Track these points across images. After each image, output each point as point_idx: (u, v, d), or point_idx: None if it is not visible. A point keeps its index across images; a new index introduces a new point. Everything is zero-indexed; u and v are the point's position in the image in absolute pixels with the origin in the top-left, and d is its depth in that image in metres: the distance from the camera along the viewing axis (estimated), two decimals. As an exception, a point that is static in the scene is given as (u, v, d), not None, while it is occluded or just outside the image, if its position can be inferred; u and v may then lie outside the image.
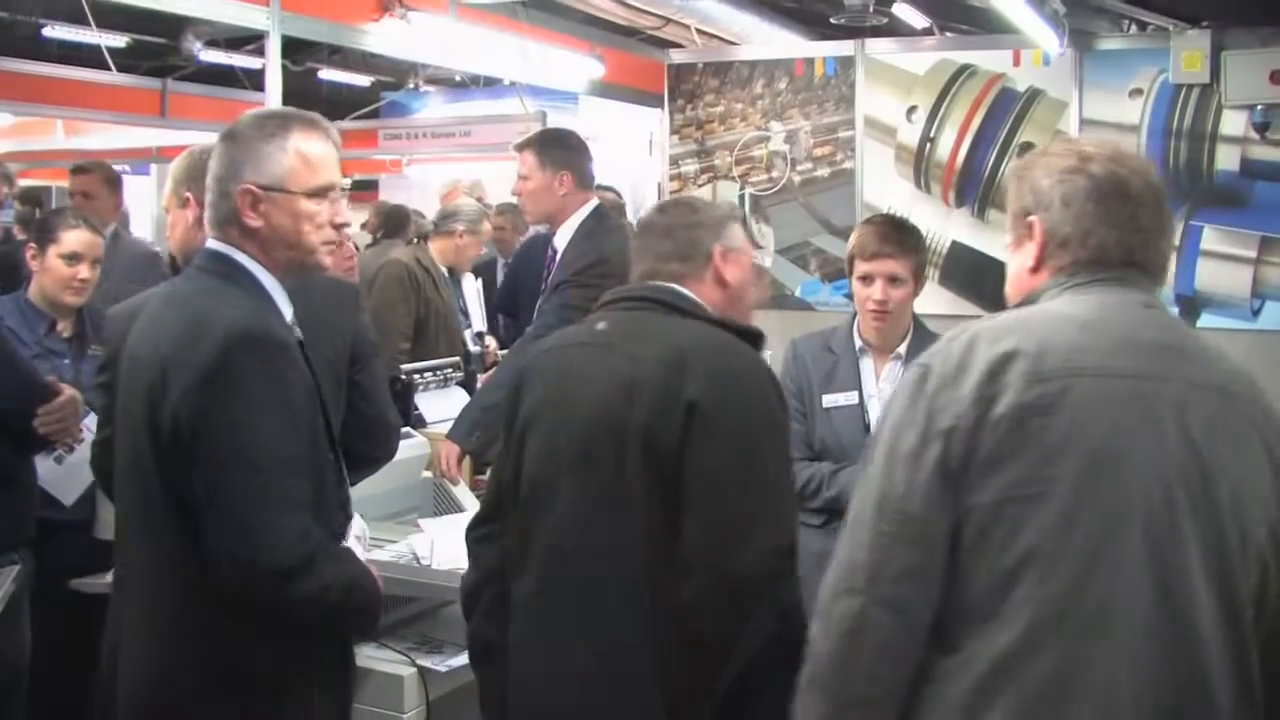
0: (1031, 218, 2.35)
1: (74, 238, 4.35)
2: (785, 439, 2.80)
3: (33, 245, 4.36)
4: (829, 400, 4.01)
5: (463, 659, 3.63)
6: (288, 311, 2.82)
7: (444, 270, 7.19)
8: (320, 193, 2.77)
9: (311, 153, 2.76)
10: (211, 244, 2.78)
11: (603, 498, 2.73)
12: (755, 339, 2.88)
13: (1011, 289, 2.44)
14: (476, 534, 3.08)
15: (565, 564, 2.78)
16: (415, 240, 7.82)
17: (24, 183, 10.54)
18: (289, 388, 2.62)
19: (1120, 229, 2.28)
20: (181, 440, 2.53)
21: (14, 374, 3.71)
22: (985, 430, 2.10)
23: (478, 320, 7.26)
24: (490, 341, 7.04)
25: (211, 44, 15.20)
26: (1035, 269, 2.36)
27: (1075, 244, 2.29)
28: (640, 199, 13.46)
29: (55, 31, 13.19)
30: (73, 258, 4.33)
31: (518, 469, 2.91)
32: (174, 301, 2.73)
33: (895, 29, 9.96)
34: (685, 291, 2.91)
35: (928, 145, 8.97)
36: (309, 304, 3.56)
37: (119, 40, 14.19)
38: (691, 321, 2.85)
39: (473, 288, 7.39)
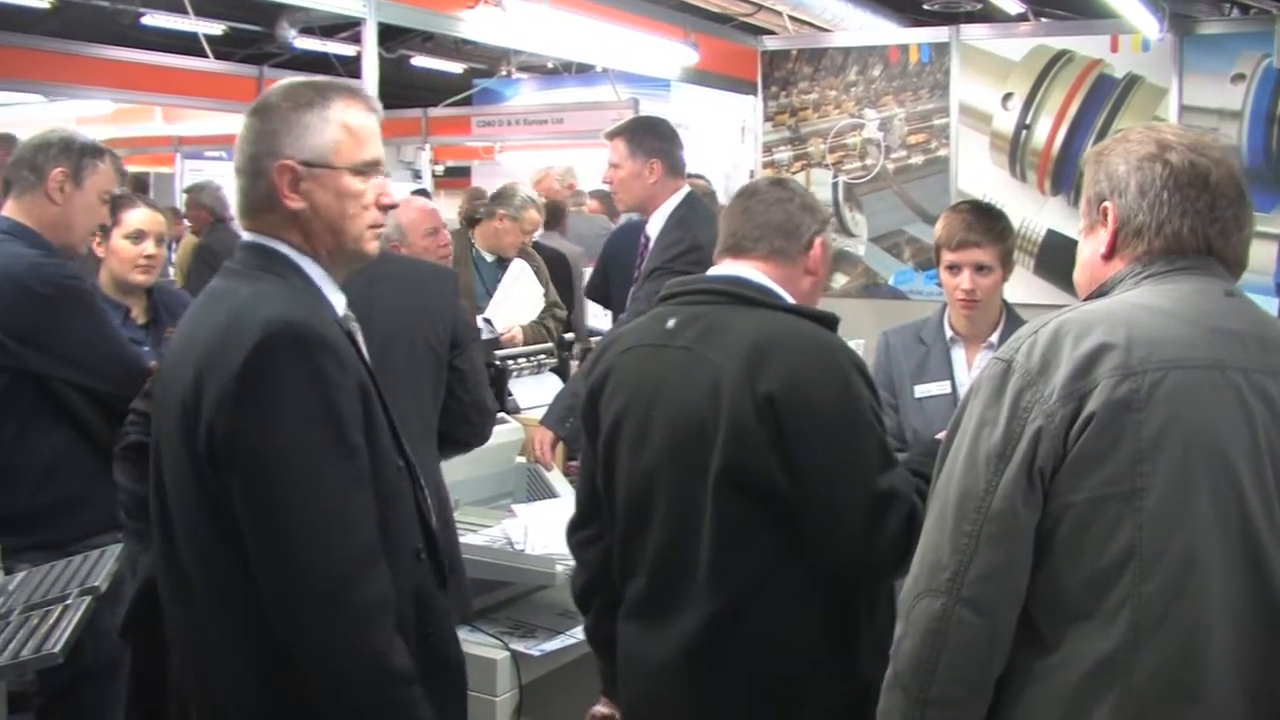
0: (1106, 203, 2.30)
1: (136, 216, 4.34)
2: (877, 422, 2.71)
3: (97, 233, 4.37)
4: (921, 391, 3.98)
5: (555, 644, 3.66)
6: (339, 303, 2.53)
7: (485, 255, 7.11)
8: (366, 169, 2.47)
9: (355, 124, 2.46)
10: (247, 236, 2.50)
11: (691, 502, 2.70)
12: (830, 324, 2.81)
13: (1082, 275, 2.39)
14: (577, 537, 3.08)
15: (669, 567, 2.76)
16: (462, 225, 7.72)
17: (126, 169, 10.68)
18: (334, 389, 2.30)
19: (1196, 218, 2.23)
20: (218, 456, 2.27)
21: (119, 356, 3.76)
22: (1075, 428, 2.06)
23: (499, 306, 6.87)
24: (513, 330, 6.52)
25: (306, 31, 15.38)
26: (1108, 256, 2.31)
27: (1150, 233, 2.25)
28: (731, 187, 13.41)
29: (154, 20, 13.38)
30: (137, 236, 4.32)
31: (609, 474, 2.89)
32: (209, 300, 2.46)
33: (990, 15, 9.87)
34: (755, 279, 2.84)
35: (1023, 132, 8.86)
36: (410, 290, 3.60)
37: (215, 28, 14.38)
38: (765, 313, 2.78)
39: (519, 272, 7.07)
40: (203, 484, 2.32)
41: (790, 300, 2.83)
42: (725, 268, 2.89)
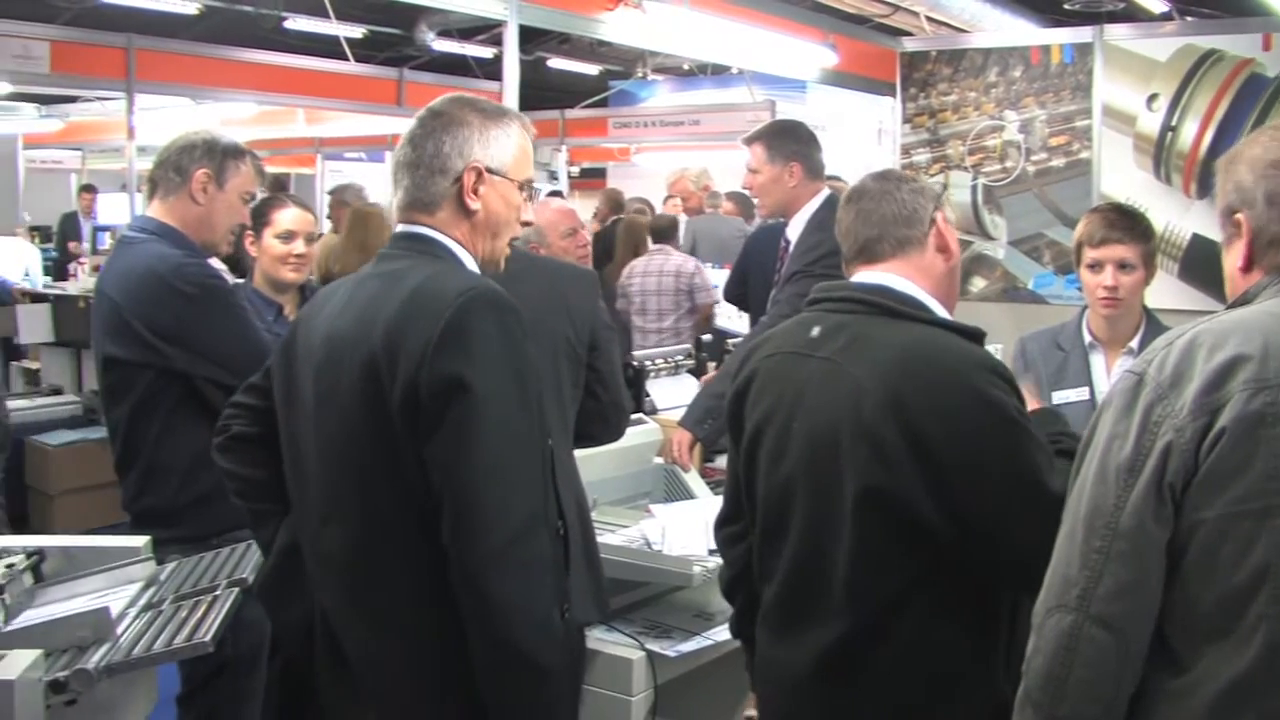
0: (1238, 215, 2.22)
1: (287, 216, 4.44)
2: (1032, 436, 2.59)
3: (250, 233, 4.46)
4: (1059, 397, 3.90)
5: (691, 645, 3.64)
6: None
7: None
8: (526, 185, 2.74)
9: (525, 146, 2.73)
10: (406, 227, 2.67)
11: (828, 518, 2.66)
12: (977, 338, 2.71)
13: (1228, 288, 2.30)
14: (723, 533, 3.06)
15: (803, 579, 2.74)
16: (604, 226, 7.77)
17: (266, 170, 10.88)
18: (523, 352, 2.49)
19: None
20: (420, 407, 2.39)
21: (258, 354, 3.81)
22: (1207, 443, 1.98)
23: None
24: None
25: (444, 34, 15.56)
26: (1246, 269, 2.21)
27: None
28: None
29: (296, 24, 13.63)
30: (288, 235, 4.42)
31: (750, 479, 2.86)
32: (384, 279, 2.58)
33: (1132, 14, 9.71)
34: (900, 288, 2.75)
35: (1169, 134, 8.68)
36: (551, 289, 3.61)
37: (356, 31, 14.61)
38: (910, 327, 2.68)
39: None
40: (383, 446, 2.44)
41: (936, 307, 2.76)
42: (866, 275, 2.82)
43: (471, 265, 2.66)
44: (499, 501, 2.38)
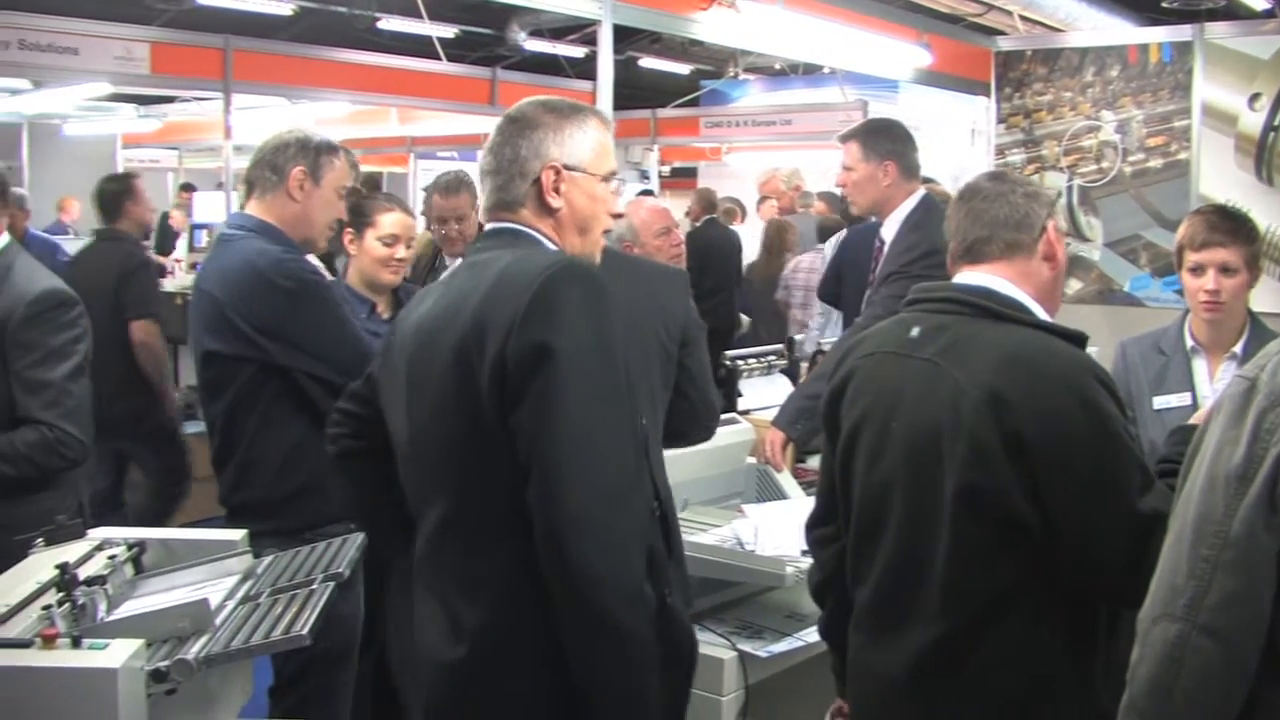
0: None
1: (391, 219, 4.50)
2: (1131, 453, 2.56)
3: (350, 230, 4.50)
4: (1160, 402, 3.85)
5: (783, 645, 3.63)
6: None
7: None
8: (609, 178, 2.78)
9: (604, 139, 2.76)
10: (494, 224, 2.73)
11: (925, 519, 2.64)
12: (1080, 342, 2.68)
13: None
14: (815, 535, 3.05)
15: (899, 581, 2.72)
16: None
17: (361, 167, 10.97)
18: (611, 324, 2.51)
19: None
20: (509, 380, 2.42)
21: (355, 349, 3.84)
22: None
23: None
24: None
25: (535, 34, 15.62)
26: None
27: None
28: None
29: (389, 24, 13.73)
30: (391, 239, 4.48)
31: (846, 479, 2.85)
32: (472, 269, 2.63)
33: (1233, 12, 9.55)
34: (1003, 290, 2.73)
35: (1271, 135, 8.55)
36: (644, 287, 3.61)
37: (448, 31, 14.69)
38: (1012, 329, 2.67)
39: None
40: (475, 425, 2.47)
41: (1038, 310, 2.73)
42: (969, 276, 2.80)
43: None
44: (583, 466, 2.39)
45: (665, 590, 2.64)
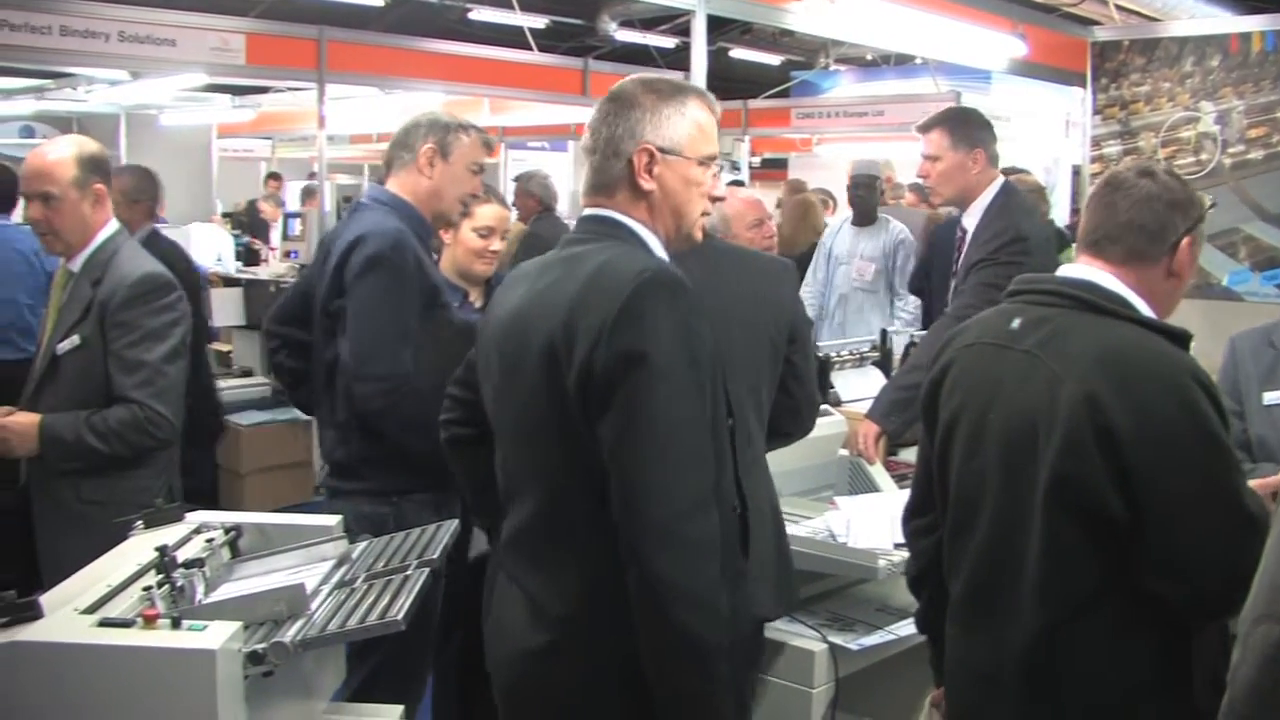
0: None
1: (488, 212, 4.56)
2: (1228, 456, 2.52)
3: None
4: (1270, 398, 3.77)
5: (874, 638, 3.62)
6: None
7: None
8: (707, 161, 2.73)
9: (703, 121, 2.72)
10: (591, 210, 2.72)
11: (1019, 511, 2.61)
12: (1183, 341, 2.62)
13: None
14: (912, 525, 3.03)
15: (992, 578, 2.69)
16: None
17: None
18: (697, 335, 2.49)
19: None
20: (594, 384, 2.44)
21: (381, 337, 3.90)
22: None
23: None
24: None
25: (626, 24, 15.64)
26: None
27: None
28: (1052, 183, 13.12)
29: (480, 14, 13.80)
30: (486, 231, 4.54)
31: (943, 470, 2.83)
32: (567, 261, 2.63)
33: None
34: (1108, 286, 2.67)
35: (1375, 126, 8.37)
36: (752, 279, 3.59)
37: (539, 21, 14.74)
38: (1114, 324, 2.62)
39: None
40: (562, 423, 2.50)
41: (1142, 307, 2.67)
42: (1079, 269, 2.74)
43: (656, 245, 2.69)
44: (665, 478, 2.40)
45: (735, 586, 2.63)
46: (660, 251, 2.69)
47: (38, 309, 6.86)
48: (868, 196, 8.32)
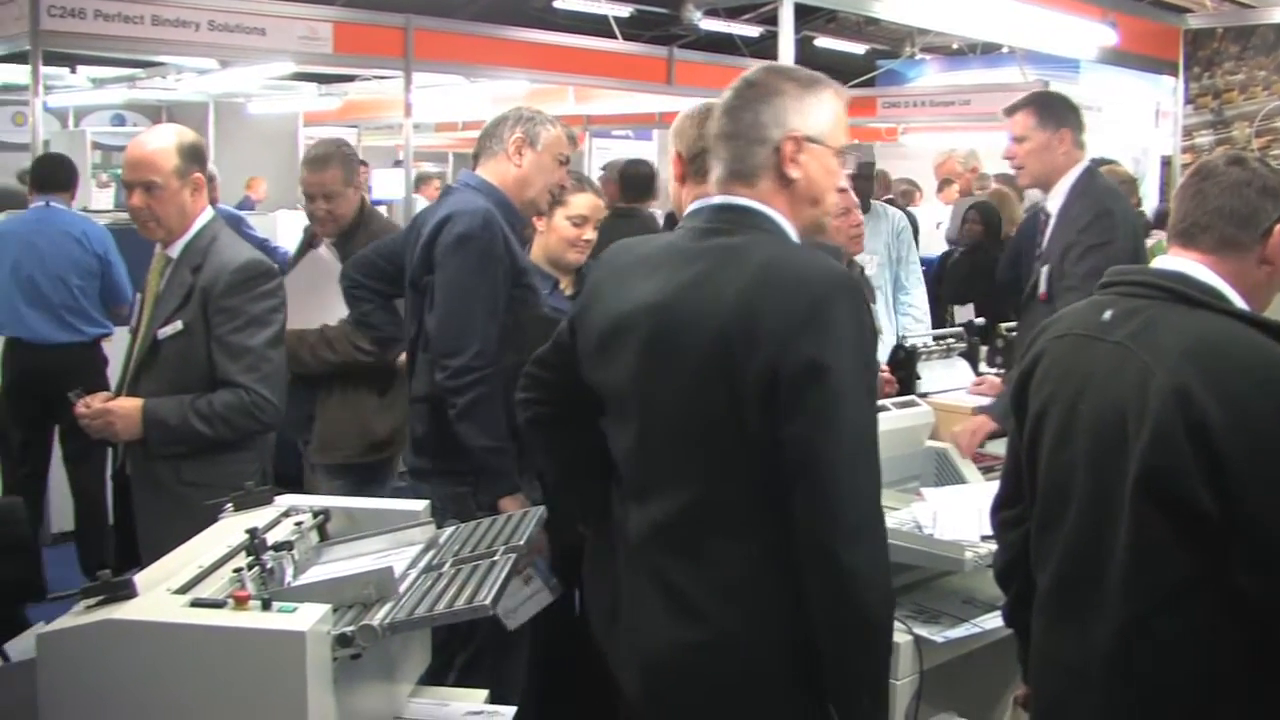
0: None
1: (583, 200, 4.62)
2: None
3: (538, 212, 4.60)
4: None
5: (960, 631, 3.59)
6: None
7: None
8: (842, 153, 2.75)
9: (840, 112, 2.75)
10: (728, 198, 2.71)
11: (1107, 504, 2.57)
12: (1277, 334, 2.55)
13: None
14: (1001, 517, 3.01)
15: (1079, 571, 2.66)
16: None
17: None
18: (871, 342, 2.59)
19: None
20: (775, 395, 2.47)
21: (462, 316, 3.98)
22: None
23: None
24: None
25: (710, 13, 15.61)
26: None
27: None
28: (1140, 174, 12.96)
29: (565, 3, 13.82)
30: (580, 220, 4.59)
31: (1032, 461, 2.80)
32: (722, 253, 2.63)
33: None
34: (1201, 277, 2.63)
35: None
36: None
37: (624, 10, 14.75)
38: (1207, 316, 2.57)
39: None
40: (729, 415, 2.53)
41: (1236, 299, 2.63)
42: (1170, 260, 2.70)
43: (793, 236, 2.70)
44: (856, 482, 2.48)
45: None
46: (797, 242, 2.71)
47: (88, 290, 7.01)
48: (866, 186, 8.20)
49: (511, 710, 2.85)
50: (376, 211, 6.00)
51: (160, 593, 2.35)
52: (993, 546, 3.16)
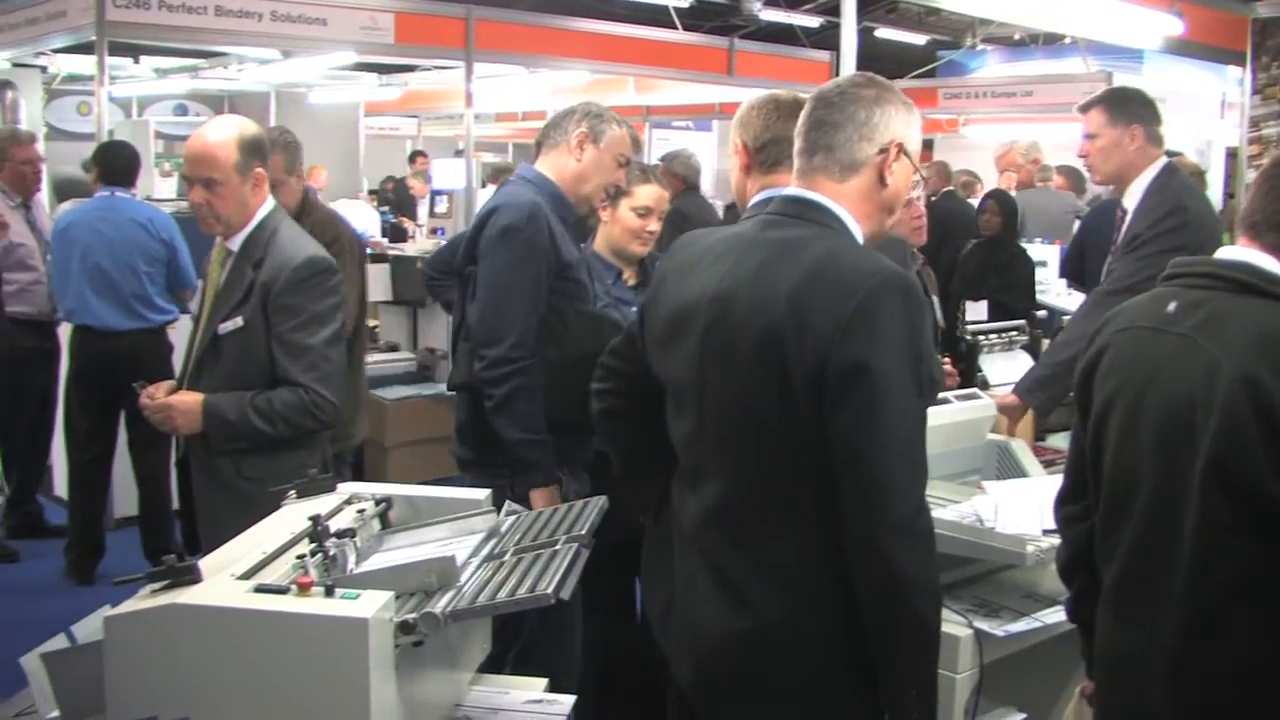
0: None
1: (647, 192, 4.61)
2: None
3: (604, 202, 4.60)
4: None
5: (1020, 625, 3.56)
6: None
7: None
8: (919, 172, 2.90)
9: (921, 134, 2.87)
10: (800, 191, 2.76)
11: (1174, 497, 2.55)
12: None
13: None
14: (1065, 511, 2.98)
15: (1145, 566, 2.64)
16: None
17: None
18: (924, 340, 2.59)
19: None
20: (826, 383, 2.51)
21: (505, 306, 4.00)
22: None
23: None
24: None
25: (771, 3, 15.56)
26: None
27: None
28: (1206, 165, 12.83)
29: (625, -8, 13.82)
30: (645, 211, 4.58)
31: (1097, 456, 2.77)
32: (777, 246, 2.68)
33: None
34: (1266, 266, 2.56)
35: None
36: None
37: (684, 0, 14.72)
38: (1274, 306, 2.52)
39: None
40: (779, 408, 2.58)
41: None
42: (1236, 251, 2.65)
43: (858, 236, 2.74)
44: (903, 478, 2.51)
45: None
46: (859, 242, 2.75)
47: (156, 277, 7.07)
48: None
49: (570, 699, 2.86)
50: (319, 202, 6.10)
51: (224, 578, 2.36)
52: (1054, 540, 3.15)
